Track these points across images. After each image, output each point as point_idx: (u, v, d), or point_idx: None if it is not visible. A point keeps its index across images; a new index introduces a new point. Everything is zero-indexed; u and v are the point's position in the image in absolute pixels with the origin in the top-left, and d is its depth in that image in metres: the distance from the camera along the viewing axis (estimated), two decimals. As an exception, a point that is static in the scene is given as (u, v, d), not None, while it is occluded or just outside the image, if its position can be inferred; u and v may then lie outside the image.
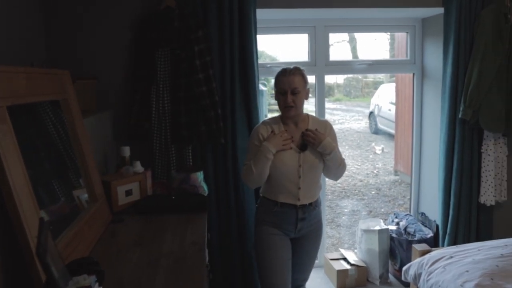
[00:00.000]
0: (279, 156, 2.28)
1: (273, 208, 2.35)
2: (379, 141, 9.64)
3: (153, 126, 2.74)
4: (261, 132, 2.34)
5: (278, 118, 2.40)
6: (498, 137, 3.20)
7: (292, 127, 2.36)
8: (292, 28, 3.39)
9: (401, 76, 6.93)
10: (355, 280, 3.41)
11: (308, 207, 2.37)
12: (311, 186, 2.37)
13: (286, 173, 2.30)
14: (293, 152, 2.31)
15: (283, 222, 2.36)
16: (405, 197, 6.27)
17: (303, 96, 2.32)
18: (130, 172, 2.39)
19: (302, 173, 2.31)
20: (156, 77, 2.70)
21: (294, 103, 2.27)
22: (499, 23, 3.02)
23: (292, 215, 2.35)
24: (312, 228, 2.44)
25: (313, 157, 2.32)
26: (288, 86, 2.26)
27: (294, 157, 2.30)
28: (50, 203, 1.73)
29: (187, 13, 2.67)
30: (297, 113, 2.33)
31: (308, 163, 2.31)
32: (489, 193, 3.19)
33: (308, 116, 2.43)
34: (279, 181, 2.32)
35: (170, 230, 2.05)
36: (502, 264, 2.40)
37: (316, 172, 2.37)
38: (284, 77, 2.28)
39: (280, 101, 2.31)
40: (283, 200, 2.34)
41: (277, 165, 2.28)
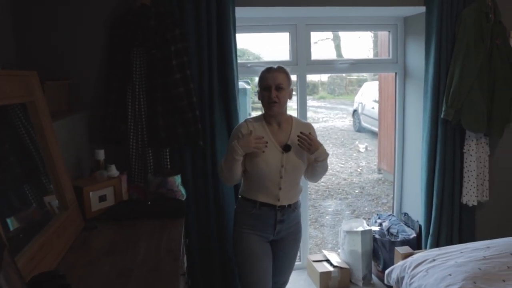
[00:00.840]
0: (262, 155, 2.24)
1: (252, 210, 2.31)
2: (363, 139, 9.65)
3: (129, 128, 2.65)
4: (241, 131, 2.30)
5: (261, 117, 2.37)
6: (480, 137, 3.19)
7: (275, 127, 2.33)
8: (273, 27, 3.33)
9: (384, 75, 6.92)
10: (338, 282, 3.37)
11: (287, 209, 2.34)
12: (292, 187, 2.35)
13: (268, 173, 2.26)
14: (276, 152, 2.28)
15: (261, 224, 2.33)
16: (389, 196, 6.27)
17: (287, 94, 2.31)
18: (104, 177, 2.31)
19: (284, 173, 2.27)
20: (132, 77, 2.62)
21: (278, 99, 2.25)
22: (480, 22, 3.00)
23: (270, 217, 2.32)
24: (291, 231, 2.41)
25: (296, 158, 2.30)
26: (272, 82, 2.25)
27: (277, 157, 2.27)
28: (20, 209, 1.66)
29: (163, 11, 2.59)
30: (281, 110, 2.30)
31: (290, 164, 2.29)
32: (471, 193, 3.18)
33: (292, 118, 2.41)
34: (260, 180, 2.29)
35: (145, 238, 1.98)
36: (484, 267, 2.37)
37: (298, 173, 2.35)
38: (269, 73, 2.28)
39: (264, 97, 2.28)
40: (263, 200, 2.30)
41: (259, 164, 2.24)
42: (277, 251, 2.43)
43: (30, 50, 2.59)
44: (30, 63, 2.44)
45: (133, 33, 2.59)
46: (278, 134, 2.32)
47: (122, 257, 1.77)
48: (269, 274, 2.37)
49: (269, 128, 2.32)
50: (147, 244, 1.91)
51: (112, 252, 1.82)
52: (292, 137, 2.32)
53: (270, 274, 2.38)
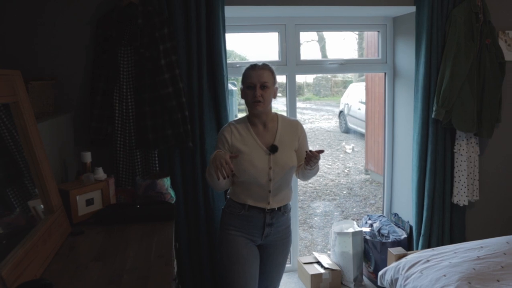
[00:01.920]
0: (247, 158, 2.17)
1: (240, 212, 2.25)
2: (350, 140, 9.67)
3: (116, 129, 2.58)
4: (225, 135, 2.23)
5: (245, 118, 2.28)
6: (470, 137, 3.19)
7: (260, 127, 2.25)
8: (262, 27, 3.29)
9: (371, 75, 6.94)
10: (330, 284, 3.34)
11: (277, 212, 2.27)
12: (282, 189, 2.27)
13: (256, 175, 2.18)
14: (262, 154, 2.20)
15: (249, 227, 2.26)
16: (377, 196, 6.28)
17: (272, 93, 2.22)
18: (91, 180, 2.23)
19: (273, 175, 2.19)
20: (119, 77, 2.55)
21: (262, 97, 2.16)
22: (470, 22, 3.00)
23: (259, 220, 2.25)
24: (280, 236, 2.33)
25: (284, 158, 2.22)
26: (257, 80, 2.16)
27: (264, 160, 2.19)
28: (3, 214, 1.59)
29: (151, 10, 2.53)
30: (265, 109, 2.21)
31: (279, 165, 2.20)
32: (462, 193, 3.18)
33: (278, 116, 2.32)
34: (248, 184, 2.21)
35: (134, 242, 1.92)
36: (478, 267, 2.36)
37: (288, 174, 2.26)
38: (253, 71, 2.18)
39: (248, 96, 2.20)
40: (252, 203, 2.23)
41: (246, 167, 2.17)
42: (265, 257, 2.35)
43: (12, 50, 2.50)
44: (11, 63, 2.35)
45: (120, 32, 2.52)
46: (263, 135, 2.24)
47: (111, 263, 1.70)
48: (256, 279, 2.29)
49: (253, 129, 2.24)
50: (137, 249, 1.84)
51: (100, 257, 1.75)
52: (278, 136, 2.24)
53: (257, 279, 2.30)
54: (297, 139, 2.30)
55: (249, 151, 2.19)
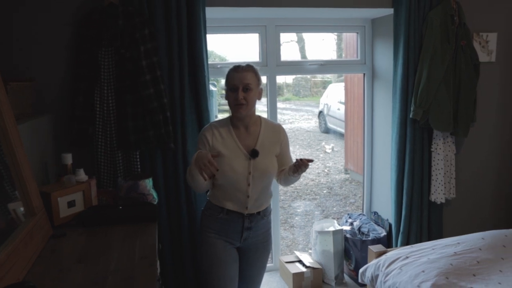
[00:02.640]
0: (228, 162, 2.13)
1: (218, 215, 2.22)
2: (329, 140, 9.76)
3: (97, 130, 2.57)
4: (206, 135, 2.19)
5: (227, 120, 2.24)
6: (447, 136, 3.26)
7: (243, 130, 2.21)
8: (243, 28, 3.31)
9: (350, 76, 7.02)
10: (311, 282, 3.38)
11: (256, 216, 2.25)
12: (261, 194, 2.23)
13: (235, 180, 2.15)
14: (243, 159, 2.16)
15: (227, 230, 2.23)
16: (356, 195, 6.36)
17: (255, 95, 2.17)
18: (72, 181, 2.21)
19: (251, 180, 2.16)
20: (100, 78, 2.53)
21: (245, 100, 2.11)
22: (446, 24, 3.07)
23: (238, 224, 2.22)
24: (259, 239, 2.31)
25: (264, 163, 2.19)
26: (239, 82, 2.11)
27: (243, 164, 2.15)
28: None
29: (132, 10, 2.52)
30: (248, 112, 2.17)
31: (259, 171, 2.17)
32: (439, 191, 3.25)
33: (261, 119, 2.28)
34: (227, 188, 2.18)
35: (117, 244, 1.91)
36: (455, 262, 2.43)
37: (267, 179, 2.23)
38: (236, 73, 2.13)
39: (230, 98, 2.15)
40: (230, 207, 2.20)
41: (225, 171, 2.13)
42: (245, 260, 2.33)
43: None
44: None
45: (100, 33, 2.51)
46: (245, 138, 2.20)
47: (94, 264, 1.70)
48: (235, 282, 2.28)
49: (235, 132, 2.20)
50: (120, 250, 1.84)
51: (83, 259, 1.74)
52: (260, 140, 2.21)
53: (236, 282, 2.29)
54: (279, 144, 2.28)
55: (229, 154, 2.16)
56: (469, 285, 2.26)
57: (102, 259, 1.74)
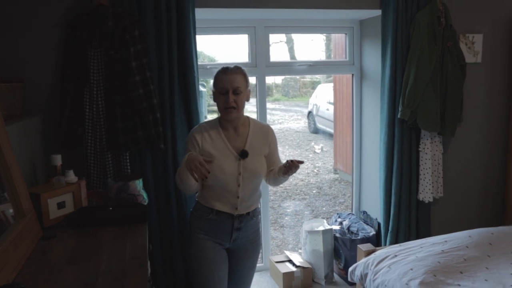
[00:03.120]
0: (217, 163, 2.13)
1: (208, 215, 2.23)
2: (318, 140, 9.81)
3: (87, 132, 2.56)
4: (196, 137, 2.18)
5: (216, 121, 2.24)
6: (434, 136, 3.31)
7: (231, 132, 2.21)
8: (232, 29, 3.32)
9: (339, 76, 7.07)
10: (301, 281, 3.40)
11: (246, 217, 2.26)
12: (251, 195, 2.24)
13: (225, 181, 2.15)
14: (232, 160, 2.17)
15: (217, 230, 2.24)
16: (345, 195, 6.40)
17: (245, 98, 2.18)
18: (62, 183, 2.20)
19: (241, 181, 2.17)
20: (89, 79, 2.53)
21: (235, 103, 2.11)
22: (433, 26, 3.11)
23: (227, 224, 2.23)
24: (249, 239, 2.32)
25: (254, 164, 2.20)
26: (229, 85, 2.10)
27: (233, 165, 2.16)
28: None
29: (121, 12, 2.52)
30: (238, 115, 2.18)
31: (248, 171, 2.18)
32: (427, 190, 3.29)
33: (249, 120, 2.29)
34: (216, 189, 2.18)
35: (108, 245, 1.91)
36: (443, 260, 2.47)
37: (256, 180, 2.24)
38: (225, 75, 2.12)
39: (220, 101, 2.14)
40: (219, 208, 2.20)
41: (215, 172, 2.11)
42: (235, 260, 2.34)
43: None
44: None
45: (90, 34, 2.50)
46: (234, 139, 2.21)
47: (85, 266, 1.69)
48: (225, 283, 2.29)
49: (224, 133, 2.20)
50: (111, 251, 1.84)
51: (74, 261, 1.74)
52: (249, 141, 2.22)
53: (226, 283, 2.30)
54: (268, 145, 2.29)
55: (219, 155, 2.16)
56: (456, 282, 2.30)
57: (93, 260, 1.74)
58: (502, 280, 2.30)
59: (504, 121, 3.66)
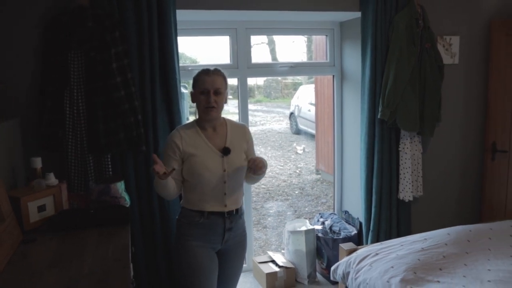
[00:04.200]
0: (201, 162, 2.16)
1: (199, 220, 2.21)
2: (300, 141, 9.85)
3: (67, 134, 2.53)
4: (175, 141, 2.20)
5: (193, 123, 2.28)
6: (414, 136, 3.36)
7: (211, 132, 2.25)
8: (214, 30, 3.32)
9: (320, 78, 7.12)
10: (284, 281, 3.42)
11: (235, 216, 2.28)
12: (236, 191, 2.28)
13: (211, 179, 2.18)
14: (216, 157, 2.20)
15: (210, 234, 2.24)
16: (328, 195, 6.45)
17: (224, 99, 2.24)
18: (42, 186, 2.18)
19: (227, 178, 2.21)
20: (69, 81, 2.50)
21: (216, 103, 2.18)
22: (411, 27, 3.17)
23: (219, 225, 2.24)
24: (237, 240, 2.34)
25: (237, 160, 2.25)
26: (211, 85, 2.16)
27: (218, 162, 2.20)
28: None
29: (102, 13, 2.50)
30: (218, 115, 2.24)
31: (233, 167, 2.22)
32: (407, 189, 3.34)
33: (226, 121, 2.34)
34: (204, 189, 2.19)
35: (90, 247, 1.90)
36: (423, 257, 2.51)
37: (240, 176, 2.29)
38: (207, 76, 2.18)
39: (201, 101, 2.19)
40: (210, 209, 2.21)
41: (200, 171, 2.16)
42: (224, 262, 2.34)
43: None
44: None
45: (70, 35, 2.48)
46: (214, 138, 2.25)
47: (67, 269, 1.68)
48: (215, 286, 2.30)
49: (204, 133, 2.24)
50: (93, 254, 1.83)
51: (55, 264, 1.73)
52: (229, 139, 2.27)
53: (216, 285, 2.31)
54: (246, 142, 2.34)
55: (202, 154, 2.19)
56: (435, 279, 2.34)
57: (75, 263, 1.73)
58: (479, 276, 2.36)
59: (481, 120, 3.75)
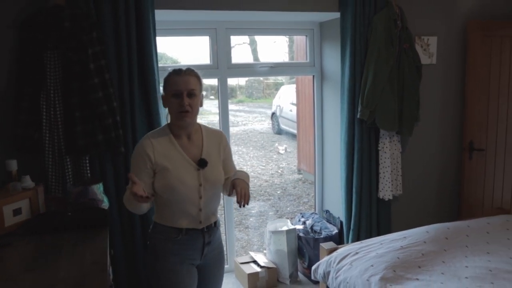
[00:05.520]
0: (176, 175, 1.96)
1: (177, 237, 2.03)
2: (282, 141, 9.89)
3: (44, 135, 2.49)
4: (147, 152, 1.97)
5: (165, 129, 2.05)
6: (393, 135, 3.39)
7: (185, 140, 2.05)
8: (193, 30, 3.31)
9: (301, 78, 7.15)
10: (266, 281, 3.42)
11: (213, 229, 2.12)
12: (212, 205, 2.11)
13: (186, 194, 1.99)
14: (191, 170, 2.00)
15: (188, 249, 2.06)
16: (309, 195, 6.48)
17: (199, 102, 2.03)
18: (18, 189, 2.15)
19: (203, 192, 2.02)
20: (46, 82, 2.46)
21: (190, 107, 1.95)
22: (390, 28, 3.20)
23: (198, 241, 2.07)
24: (215, 252, 2.19)
25: (214, 173, 2.06)
26: (184, 87, 1.94)
27: (193, 176, 2.00)
28: None
29: (79, 13, 2.46)
30: (193, 120, 2.03)
31: (209, 181, 2.03)
32: (387, 188, 3.38)
33: (201, 127, 2.14)
34: (178, 204, 2.00)
35: (67, 251, 1.87)
36: (402, 255, 2.54)
37: (217, 190, 2.11)
38: (179, 76, 1.96)
39: (173, 105, 1.96)
40: (186, 226, 2.02)
41: (174, 184, 1.95)
42: (204, 275, 2.17)
43: None
44: None
45: (46, 35, 2.44)
46: (189, 148, 2.04)
47: (43, 273, 1.66)
48: None
49: (178, 142, 2.02)
50: (70, 257, 1.81)
51: (31, 268, 1.70)
52: (205, 149, 2.07)
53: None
54: (223, 150, 2.16)
55: (175, 167, 1.98)
56: (414, 276, 2.37)
57: (51, 267, 1.70)
58: (457, 272, 2.40)
59: (458, 119, 3.80)
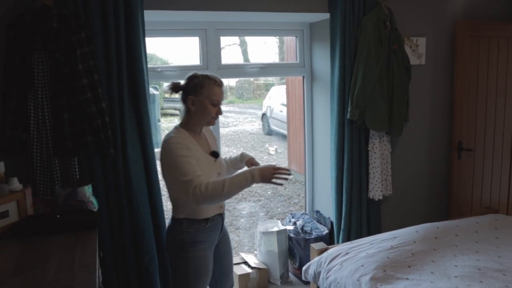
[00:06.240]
0: (204, 168, 2.17)
1: (205, 225, 2.26)
2: (273, 142, 9.90)
3: (32, 137, 2.46)
4: (184, 143, 2.14)
5: (181, 129, 2.24)
6: (382, 135, 3.41)
7: (197, 137, 2.29)
8: (183, 31, 3.29)
9: (291, 78, 7.16)
10: (257, 283, 3.42)
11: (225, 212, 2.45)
12: None
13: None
14: (211, 161, 2.28)
15: (212, 234, 2.32)
16: (300, 196, 6.48)
17: None
18: (5, 191, 2.12)
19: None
20: (33, 82, 2.43)
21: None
22: (379, 29, 3.21)
23: (219, 224, 2.38)
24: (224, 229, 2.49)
25: (222, 162, 2.40)
26: (222, 97, 2.28)
27: (212, 167, 2.27)
28: None
29: (67, 13, 2.44)
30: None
31: (223, 169, 2.37)
32: (377, 188, 3.39)
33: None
34: None
35: (56, 253, 1.85)
36: (392, 255, 2.55)
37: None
38: (220, 88, 2.26)
39: (211, 111, 2.23)
40: (212, 214, 2.28)
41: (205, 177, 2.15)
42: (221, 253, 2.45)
43: None
44: None
45: (33, 36, 2.41)
46: (202, 143, 2.30)
47: (31, 276, 1.64)
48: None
49: (197, 138, 2.28)
50: (59, 260, 1.79)
51: (19, 272, 1.68)
52: (210, 143, 2.37)
53: None
54: (215, 141, 2.50)
55: (201, 160, 2.20)
56: (404, 276, 2.38)
57: (40, 270, 1.68)
58: (446, 272, 2.41)
59: (447, 120, 3.83)
